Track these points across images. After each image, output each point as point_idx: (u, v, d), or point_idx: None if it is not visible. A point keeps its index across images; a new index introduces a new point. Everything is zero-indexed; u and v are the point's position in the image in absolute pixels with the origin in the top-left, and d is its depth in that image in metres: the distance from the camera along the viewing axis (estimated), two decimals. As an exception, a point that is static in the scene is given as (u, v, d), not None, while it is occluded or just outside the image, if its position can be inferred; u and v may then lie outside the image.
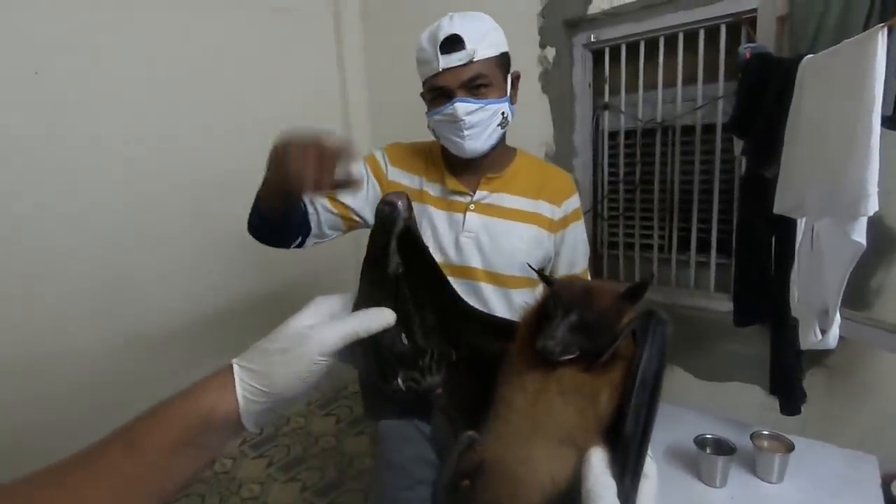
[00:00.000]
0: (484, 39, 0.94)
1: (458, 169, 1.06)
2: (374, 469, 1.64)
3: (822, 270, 0.89)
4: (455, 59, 0.92)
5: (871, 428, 1.51)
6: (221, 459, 1.88)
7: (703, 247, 1.88)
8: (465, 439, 0.38)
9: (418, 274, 0.44)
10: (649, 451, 0.38)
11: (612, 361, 0.37)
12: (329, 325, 0.40)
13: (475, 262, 1.03)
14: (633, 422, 0.35)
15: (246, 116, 2.08)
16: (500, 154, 1.07)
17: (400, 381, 0.41)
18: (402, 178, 1.08)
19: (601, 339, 0.38)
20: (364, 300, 0.42)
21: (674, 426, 1.21)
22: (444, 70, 0.93)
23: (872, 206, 0.69)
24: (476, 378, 0.43)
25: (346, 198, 1.04)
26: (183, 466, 0.38)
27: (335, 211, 1.04)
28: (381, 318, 0.41)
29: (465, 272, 1.03)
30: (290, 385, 0.39)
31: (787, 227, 1.12)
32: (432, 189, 1.07)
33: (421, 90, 1.03)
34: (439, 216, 1.05)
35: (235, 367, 0.40)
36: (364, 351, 0.42)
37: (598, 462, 0.34)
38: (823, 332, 0.92)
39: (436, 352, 0.44)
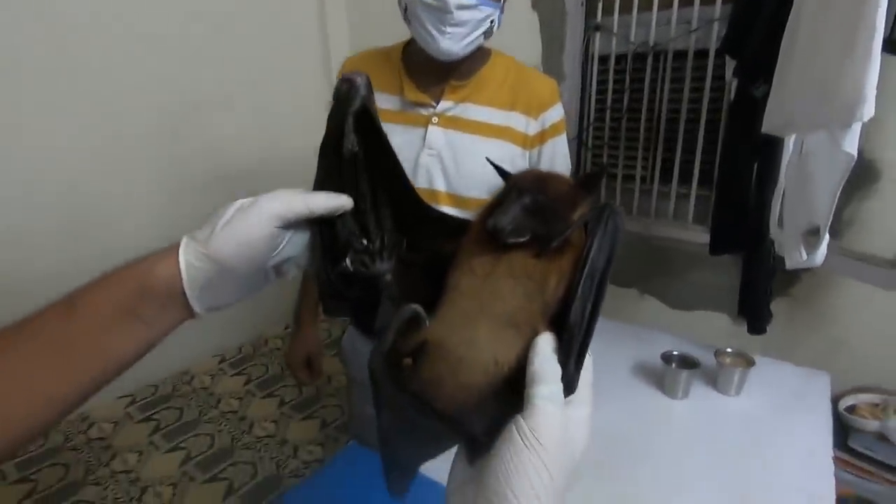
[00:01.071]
0: None
1: (420, 75, 0.94)
2: (347, 388, 1.68)
3: (810, 189, 0.89)
4: None
5: (826, 353, 1.59)
6: (200, 376, 1.90)
7: (685, 178, 1.87)
8: (407, 310, 0.36)
9: (374, 159, 0.42)
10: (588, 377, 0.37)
11: (563, 250, 0.36)
12: (278, 195, 0.39)
13: (438, 184, 0.93)
14: (579, 310, 0.34)
15: (219, 37, 1.95)
16: (471, 58, 0.93)
17: (348, 261, 0.40)
18: None
19: (554, 225, 0.36)
20: (319, 188, 0.41)
21: (642, 345, 1.25)
22: None
23: (869, 111, 0.67)
24: (428, 274, 0.41)
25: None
26: (123, 340, 0.36)
27: None
28: (336, 199, 0.40)
29: (427, 196, 0.90)
30: (232, 251, 0.37)
31: (771, 150, 1.11)
32: (388, 102, 0.94)
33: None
34: (396, 132, 0.92)
35: (183, 238, 0.38)
36: (319, 242, 0.41)
37: (545, 346, 0.33)
38: (809, 251, 0.93)
39: (387, 238, 0.43)
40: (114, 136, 1.74)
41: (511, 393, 0.33)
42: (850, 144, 0.74)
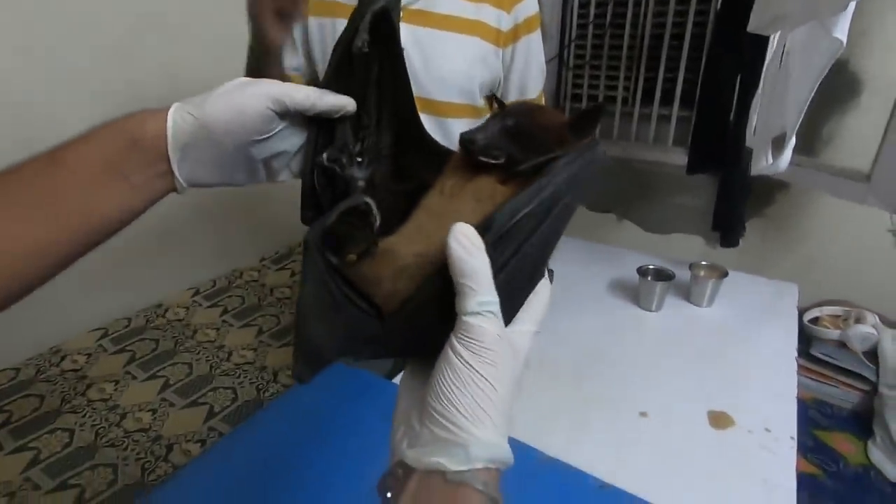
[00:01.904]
0: None
1: None
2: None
3: (786, 91, 0.86)
4: None
5: (796, 269, 1.63)
6: (174, 308, 1.87)
7: (667, 100, 1.83)
8: (358, 197, 0.35)
9: (384, 68, 0.39)
10: (542, 302, 0.35)
11: (532, 179, 0.32)
12: (282, 83, 0.37)
13: (417, 89, 0.86)
14: (508, 213, 0.31)
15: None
16: None
17: (325, 156, 0.37)
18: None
19: (531, 153, 0.34)
20: (324, 86, 0.38)
21: (620, 263, 1.26)
22: None
23: (861, -9, 0.63)
24: (412, 202, 0.39)
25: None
26: (109, 198, 0.35)
27: None
28: (338, 98, 0.37)
29: None
30: (221, 116, 0.35)
31: (755, 54, 1.06)
32: None
33: None
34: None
35: (177, 104, 0.36)
36: (313, 138, 0.38)
37: (466, 229, 0.30)
38: (776, 156, 0.91)
39: (369, 143, 0.40)
40: (64, 57, 1.59)
41: (451, 312, 0.30)
42: (841, 30, 0.70)
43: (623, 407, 0.83)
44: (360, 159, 0.39)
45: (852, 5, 0.66)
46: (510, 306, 0.33)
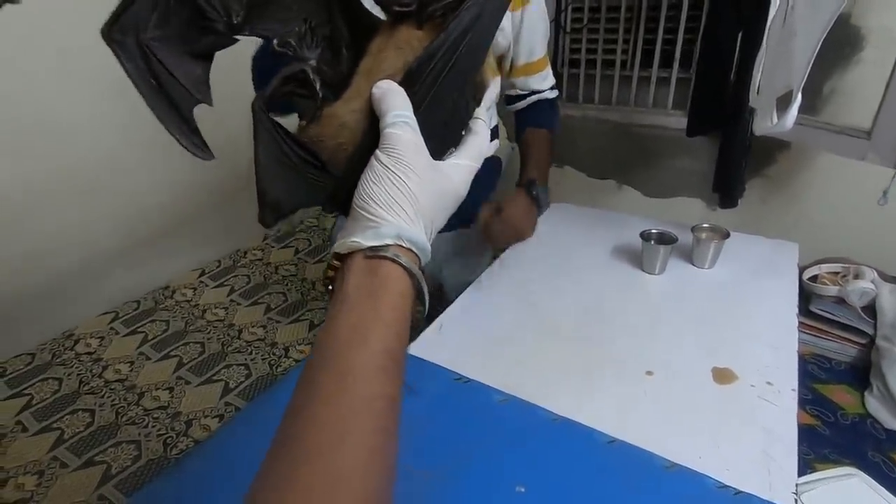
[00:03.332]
0: None
1: None
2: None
3: (791, 48, 0.85)
4: None
5: (796, 227, 1.65)
6: (181, 289, 1.89)
7: (666, 63, 1.80)
8: (296, 66, 0.39)
9: None
10: (482, 117, 0.41)
11: (445, 20, 0.36)
12: None
13: None
14: (422, 59, 0.35)
15: None
16: None
17: (275, 41, 0.40)
18: None
19: None
20: None
21: (622, 228, 1.26)
22: None
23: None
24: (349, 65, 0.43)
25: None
26: None
27: None
28: None
29: None
30: None
31: (757, 12, 1.05)
32: None
33: None
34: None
35: None
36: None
37: (386, 84, 0.35)
38: (781, 115, 0.91)
39: (315, 25, 0.43)
40: (61, 57, 1.57)
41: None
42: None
43: (629, 366, 0.85)
44: (309, 42, 0.42)
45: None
46: (439, 141, 0.37)
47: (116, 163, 1.77)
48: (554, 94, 1.15)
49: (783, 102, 0.91)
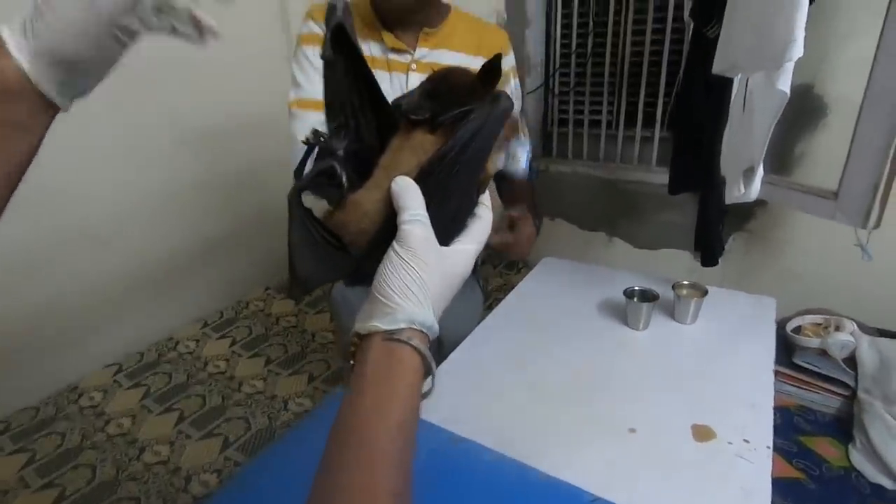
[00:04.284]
0: None
1: (393, 25, 1.00)
2: (336, 338, 1.74)
3: (751, 128, 0.94)
4: None
5: (778, 281, 1.71)
6: (185, 341, 1.93)
7: (649, 122, 1.92)
8: (327, 162, 0.45)
9: (351, 67, 0.50)
10: (485, 202, 0.46)
11: (454, 128, 0.43)
12: None
13: None
14: (434, 161, 0.42)
15: None
16: (437, 8, 1.02)
17: (310, 134, 0.48)
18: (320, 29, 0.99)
19: (449, 107, 0.44)
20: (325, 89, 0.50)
21: (607, 284, 1.33)
22: None
23: (797, 51, 0.72)
24: (373, 157, 0.49)
25: (318, 93, 0.97)
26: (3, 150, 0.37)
27: (319, 114, 0.99)
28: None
29: None
30: (66, 16, 0.34)
31: (723, 91, 1.15)
32: (372, 48, 1.01)
33: None
34: (384, 79, 1.01)
35: (5, 33, 0.35)
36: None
37: (403, 182, 0.41)
38: (746, 186, 0.99)
39: (344, 121, 0.50)
40: (69, 118, 1.67)
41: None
42: (784, 83, 0.79)
43: (613, 424, 0.90)
44: (338, 134, 0.50)
45: (790, 64, 0.75)
46: (448, 228, 0.43)
47: (122, 217, 1.85)
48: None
49: (748, 174, 0.99)
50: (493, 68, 0.45)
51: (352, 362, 0.41)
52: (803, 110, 1.52)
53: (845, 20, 1.39)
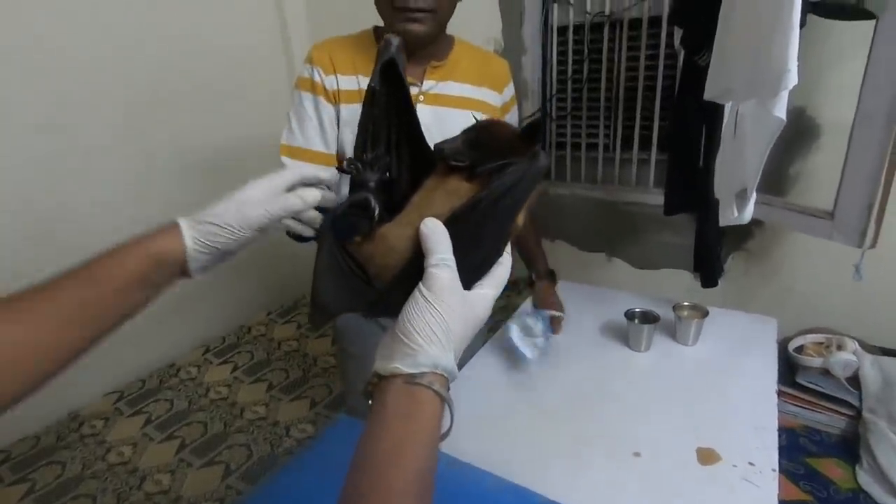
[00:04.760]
0: None
1: None
2: (339, 362, 1.73)
3: (742, 152, 0.96)
4: None
5: (778, 299, 1.71)
6: (186, 367, 1.93)
7: (645, 145, 1.95)
8: (361, 194, 0.46)
9: (394, 103, 0.51)
10: (507, 251, 0.47)
11: (490, 178, 0.44)
12: (257, 205, 0.48)
13: None
14: (466, 208, 0.42)
15: (178, 31, 1.92)
16: (443, 41, 1.04)
17: (345, 163, 0.49)
18: (343, 83, 1.01)
19: (489, 158, 0.45)
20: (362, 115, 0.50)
21: (608, 305, 1.33)
22: None
23: (793, 80, 0.74)
24: (403, 191, 0.50)
25: (320, 145, 1.02)
26: (135, 298, 0.44)
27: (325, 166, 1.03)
28: (301, 198, 0.49)
29: None
30: (227, 246, 0.47)
31: (715, 115, 1.18)
32: None
33: None
34: None
35: (183, 224, 0.46)
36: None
37: (433, 225, 0.42)
38: (740, 209, 1.01)
39: (383, 154, 0.51)
40: (77, 133, 1.71)
41: (422, 274, 0.42)
42: (780, 110, 0.81)
43: (617, 447, 0.89)
44: (373, 166, 0.51)
45: (785, 94, 0.77)
46: (473, 274, 0.43)
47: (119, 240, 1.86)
48: None
49: (741, 197, 1.01)
50: (535, 126, 0.46)
51: (370, 402, 0.40)
52: (797, 132, 1.55)
53: (835, 45, 1.43)
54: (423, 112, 1.02)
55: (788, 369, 1.40)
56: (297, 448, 1.51)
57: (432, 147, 0.50)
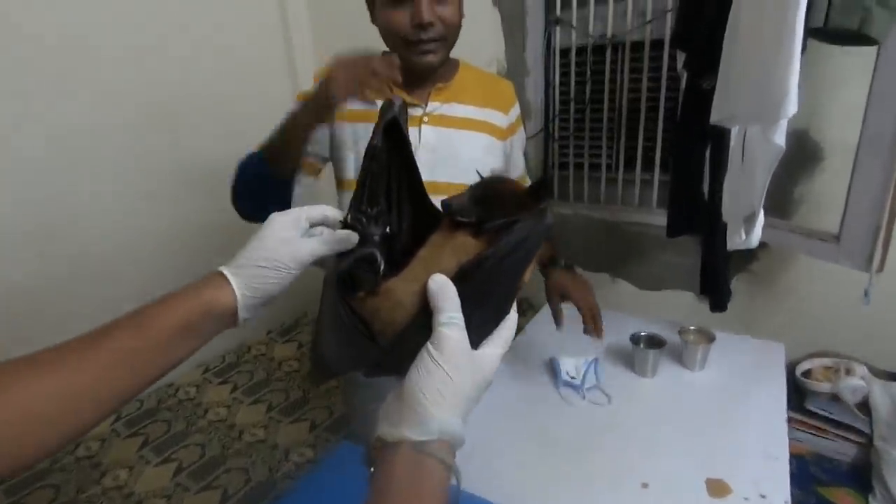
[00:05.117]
0: None
1: (406, 82, 1.03)
2: (342, 386, 1.71)
3: (751, 176, 0.96)
4: None
5: (784, 322, 1.69)
6: (185, 387, 1.91)
7: (648, 166, 1.95)
8: (367, 249, 0.46)
9: (397, 161, 0.51)
10: (514, 308, 0.46)
11: (497, 235, 0.43)
12: (303, 241, 0.48)
13: (438, 175, 1.01)
14: (474, 264, 0.42)
15: (183, 46, 1.95)
16: (447, 64, 1.04)
17: (349, 216, 0.49)
18: (349, 104, 1.03)
19: (496, 215, 0.44)
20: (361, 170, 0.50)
21: (614, 328, 1.32)
22: None
23: (792, 108, 0.74)
24: (407, 246, 0.50)
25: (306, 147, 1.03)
26: (181, 348, 0.43)
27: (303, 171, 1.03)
28: (345, 241, 0.48)
29: (430, 187, 0.99)
30: (275, 288, 0.46)
31: (720, 138, 1.18)
32: None
33: None
34: None
35: (228, 273, 0.46)
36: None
37: (441, 282, 0.41)
38: (748, 233, 1.00)
39: (385, 209, 0.51)
40: (81, 146, 1.72)
41: (429, 331, 0.41)
42: (780, 137, 0.81)
43: (625, 478, 0.87)
44: (376, 220, 0.50)
45: (784, 121, 0.77)
46: (480, 332, 0.42)
47: (124, 256, 1.86)
48: None
49: (749, 221, 1.00)
50: (542, 184, 0.46)
51: (371, 469, 0.39)
52: (801, 154, 1.55)
53: (837, 68, 1.44)
54: (427, 133, 1.02)
55: (797, 394, 1.38)
56: (295, 472, 1.48)
57: (434, 197, 0.50)
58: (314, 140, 1.03)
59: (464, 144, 1.03)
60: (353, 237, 0.48)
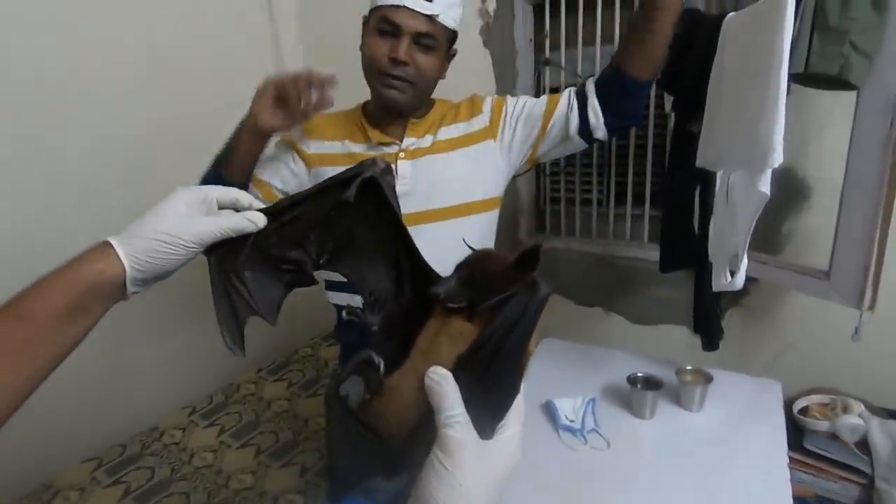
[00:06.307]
0: (451, 8, 0.95)
1: (381, 122, 1.05)
2: (326, 433, 1.67)
3: (734, 219, 0.97)
4: (421, 5, 0.91)
5: (778, 358, 1.69)
6: (171, 431, 1.85)
7: (639, 200, 1.98)
8: (363, 353, 0.44)
9: (372, 219, 0.50)
10: (520, 405, 0.43)
11: (492, 315, 0.41)
12: (208, 218, 0.46)
13: (421, 205, 1.01)
14: (472, 352, 0.41)
15: (172, 71, 1.95)
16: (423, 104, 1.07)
17: (344, 311, 0.48)
18: (323, 148, 1.05)
19: (487, 296, 0.42)
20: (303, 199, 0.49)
21: (609, 367, 1.31)
22: (406, 7, 0.90)
23: (778, 159, 0.76)
24: (417, 321, 0.47)
25: (267, 176, 1.04)
26: (71, 330, 0.41)
27: (258, 192, 1.02)
28: (253, 221, 0.47)
29: (416, 219, 0.98)
30: (170, 264, 0.45)
31: (708, 179, 1.20)
32: (358, 147, 1.05)
33: (364, 13, 1.00)
34: None
35: (116, 243, 0.43)
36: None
37: (439, 378, 0.39)
38: (733, 274, 1.01)
39: (379, 294, 0.50)
40: (70, 170, 1.69)
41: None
42: (765, 185, 0.83)
43: (627, 530, 0.85)
44: (372, 308, 0.49)
45: (769, 171, 0.79)
46: (492, 416, 0.41)
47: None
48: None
49: (734, 262, 1.01)
50: (529, 253, 0.43)
51: None
52: (788, 191, 1.58)
53: (822, 111, 1.48)
54: (404, 168, 1.02)
55: (794, 432, 1.36)
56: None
57: (426, 226, 0.50)
58: (281, 178, 1.04)
59: (448, 168, 1.03)
60: (260, 219, 0.47)
